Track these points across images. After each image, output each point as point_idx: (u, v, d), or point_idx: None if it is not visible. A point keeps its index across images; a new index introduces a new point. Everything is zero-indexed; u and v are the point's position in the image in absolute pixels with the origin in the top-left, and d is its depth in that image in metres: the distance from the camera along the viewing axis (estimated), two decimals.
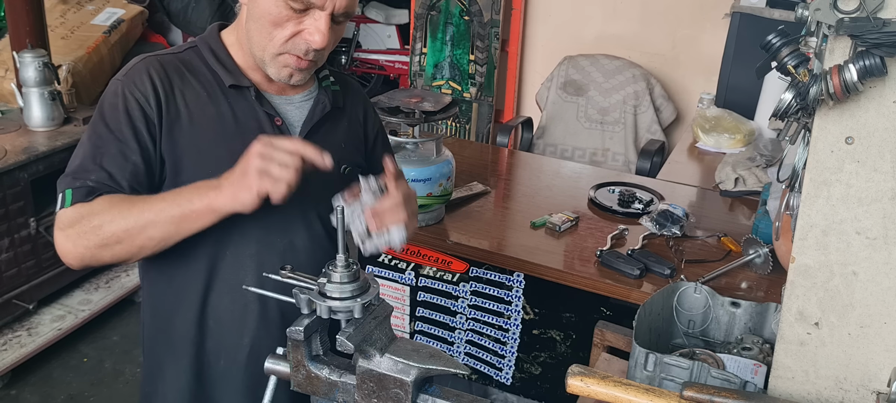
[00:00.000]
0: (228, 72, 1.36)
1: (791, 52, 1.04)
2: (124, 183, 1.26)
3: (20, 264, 3.00)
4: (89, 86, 4.05)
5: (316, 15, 1.25)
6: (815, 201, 1.08)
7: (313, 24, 1.26)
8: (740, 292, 1.98)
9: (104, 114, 1.30)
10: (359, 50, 6.01)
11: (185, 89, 1.33)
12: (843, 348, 1.14)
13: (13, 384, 2.93)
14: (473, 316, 2.41)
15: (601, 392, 1.15)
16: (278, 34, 1.27)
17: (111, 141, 1.27)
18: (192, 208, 1.20)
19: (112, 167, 1.26)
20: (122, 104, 1.28)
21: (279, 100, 1.40)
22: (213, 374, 1.46)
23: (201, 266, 1.38)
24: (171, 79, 1.32)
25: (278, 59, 1.30)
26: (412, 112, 2.21)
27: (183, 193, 1.22)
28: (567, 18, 4.18)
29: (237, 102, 1.36)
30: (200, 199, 1.20)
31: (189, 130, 1.32)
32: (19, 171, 2.92)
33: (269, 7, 1.25)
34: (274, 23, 1.26)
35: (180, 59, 1.37)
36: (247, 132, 1.34)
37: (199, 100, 1.33)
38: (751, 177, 2.62)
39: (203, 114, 1.33)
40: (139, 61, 1.34)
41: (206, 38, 1.39)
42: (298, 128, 1.40)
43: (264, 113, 1.36)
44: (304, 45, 1.27)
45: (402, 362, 1.03)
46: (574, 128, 3.88)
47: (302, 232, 1.43)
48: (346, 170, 1.45)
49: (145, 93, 1.29)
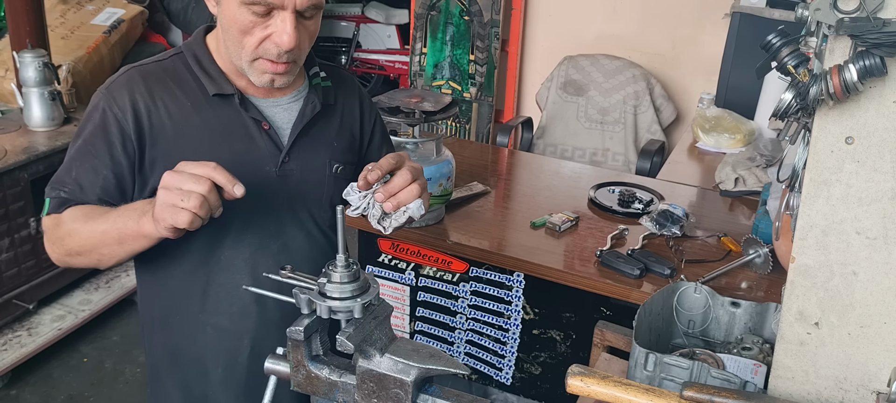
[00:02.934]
0: (212, 79, 1.34)
1: (791, 52, 1.04)
2: (93, 195, 1.29)
3: (20, 264, 3.00)
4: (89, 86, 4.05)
5: (281, 15, 1.23)
6: (815, 201, 1.08)
7: (280, 26, 1.24)
8: (740, 292, 1.98)
9: (83, 127, 1.32)
10: (359, 50, 6.01)
11: (169, 100, 1.33)
12: (843, 348, 1.14)
13: (13, 384, 2.93)
14: (473, 315, 2.41)
15: (601, 392, 1.15)
16: (248, 41, 1.26)
17: (86, 154, 1.30)
18: (127, 231, 1.21)
19: (83, 180, 1.29)
20: (99, 118, 1.30)
21: (266, 104, 1.38)
22: (214, 377, 1.46)
23: (195, 270, 1.38)
24: (154, 91, 1.32)
25: (254, 66, 1.29)
26: (412, 112, 2.21)
27: (123, 214, 1.22)
28: (567, 18, 4.18)
29: (222, 110, 1.34)
30: (134, 223, 1.19)
31: (174, 141, 1.31)
32: (19, 171, 2.92)
33: (234, 15, 1.24)
34: (241, 30, 1.25)
35: (164, 67, 1.36)
36: (234, 140, 1.34)
37: (183, 110, 1.33)
38: (751, 177, 2.62)
39: (188, 124, 1.32)
40: (122, 74, 1.34)
41: (191, 44, 1.38)
42: (288, 130, 1.39)
43: (251, 119, 1.35)
44: (274, 49, 1.26)
45: (402, 362, 1.03)
46: (574, 128, 3.88)
47: (296, 233, 1.43)
48: (338, 169, 1.45)
49: (123, 109, 1.30)
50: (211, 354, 1.44)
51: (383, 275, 2.49)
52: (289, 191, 1.39)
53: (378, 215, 1.26)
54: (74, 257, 1.28)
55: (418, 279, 2.45)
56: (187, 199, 1.10)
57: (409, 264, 2.45)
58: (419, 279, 2.45)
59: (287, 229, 1.41)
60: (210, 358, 1.44)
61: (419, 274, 2.44)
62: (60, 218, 1.28)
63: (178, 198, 1.10)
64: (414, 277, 2.45)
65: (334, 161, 1.44)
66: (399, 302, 2.50)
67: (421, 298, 2.47)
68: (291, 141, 1.38)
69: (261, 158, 1.36)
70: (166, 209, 1.11)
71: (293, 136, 1.38)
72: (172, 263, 1.36)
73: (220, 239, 1.36)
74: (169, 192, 1.10)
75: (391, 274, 2.48)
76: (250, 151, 1.35)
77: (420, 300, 2.47)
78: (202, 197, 1.10)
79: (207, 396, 1.47)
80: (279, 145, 1.37)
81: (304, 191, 1.41)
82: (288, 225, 1.41)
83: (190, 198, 1.10)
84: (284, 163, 1.38)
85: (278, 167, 1.37)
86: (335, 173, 1.44)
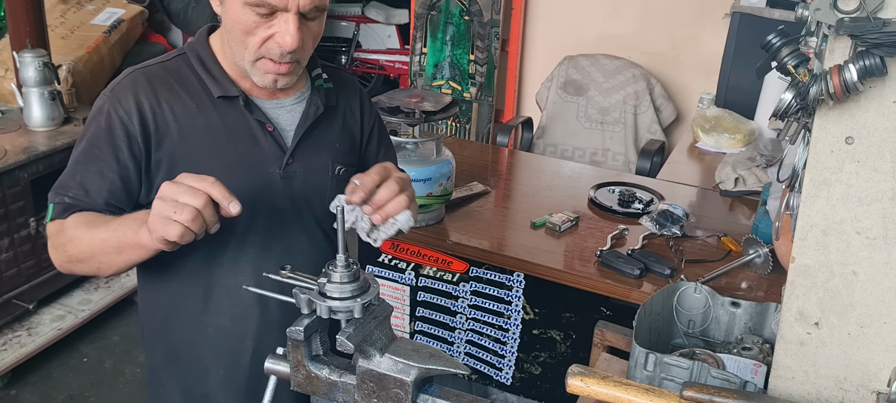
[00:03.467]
0: (216, 81, 1.34)
1: (791, 52, 1.04)
2: (100, 199, 1.28)
3: (20, 264, 3.00)
4: (89, 87, 4.05)
5: (283, 17, 1.24)
6: (815, 201, 1.08)
7: (283, 27, 1.24)
8: (740, 292, 1.97)
9: (88, 130, 1.32)
10: (359, 50, 6.01)
11: (174, 102, 1.32)
12: (843, 348, 1.14)
13: (13, 384, 2.93)
14: (473, 315, 2.41)
15: (601, 392, 1.15)
16: (251, 41, 1.26)
17: (91, 158, 1.30)
18: (125, 240, 1.20)
19: (89, 184, 1.29)
20: (104, 121, 1.30)
21: (270, 105, 1.38)
22: (215, 378, 1.46)
23: (198, 272, 1.38)
24: (158, 92, 1.32)
25: (257, 66, 1.29)
26: (412, 112, 2.21)
27: (124, 223, 1.21)
28: (567, 18, 4.18)
29: (227, 112, 1.34)
30: (132, 233, 1.18)
31: (179, 143, 1.31)
32: (19, 171, 2.92)
33: (237, 15, 1.24)
34: (245, 30, 1.25)
35: (168, 69, 1.36)
36: (238, 141, 1.34)
37: (187, 111, 1.33)
38: (751, 177, 2.62)
39: (192, 126, 1.32)
40: (126, 76, 1.34)
41: (195, 45, 1.38)
42: (291, 132, 1.39)
43: (255, 120, 1.35)
44: (277, 49, 1.26)
45: (402, 362, 1.03)
46: (574, 128, 3.88)
47: (299, 235, 1.42)
48: (340, 170, 1.45)
49: (129, 112, 1.29)
50: (212, 355, 1.44)
51: (383, 275, 2.49)
52: (292, 193, 1.39)
53: (367, 228, 1.26)
54: (75, 264, 1.28)
55: (418, 279, 2.45)
56: (181, 212, 1.08)
57: (409, 264, 2.45)
58: (419, 279, 2.45)
59: (291, 231, 1.41)
60: (211, 360, 1.44)
61: (419, 274, 2.44)
62: (64, 224, 1.27)
63: (171, 209, 1.08)
64: (414, 277, 2.45)
65: (337, 162, 1.44)
66: (399, 302, 2.50)
67: (421, 298, 2.47)
68: (295, 143, 1.38)
69: (265, 160, 1.36)
70: (159, 220, 1.10)
71: (297, 138, 1.38)
72: (174, 265, 1.36)
73: (224, 240, 1.35)
74: (164, 203, 1.09)
75: (391, 274, 2.48)
76: (255, 153, 1.35)
77: (420, 300, 2.47)
78: (196, 210, 1.09)
79: (208, 397, 1.47)
80: (283, 147, 1.37)
81: (308, 193, 1.41)
82: (291, 227, 1.41)
83: (183, 210, 1.08)
84: (288, 165, 1.38)
85: (282, 169, 1.37)
86: (338, 175, 1.44)
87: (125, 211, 1.28)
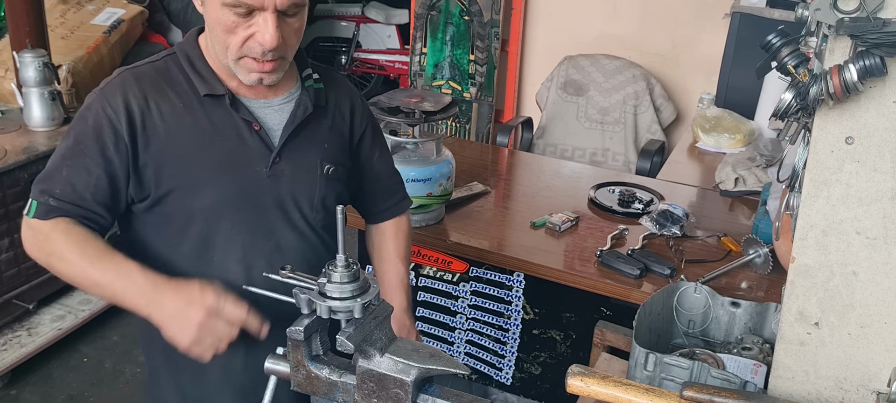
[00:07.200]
0: (203, 80, 1.35)
1: (791, 52, 1.04)
2: (87, 194, 1.30)
3: (20, 264, 3.00)
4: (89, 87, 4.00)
5: (262, 16, 1.24)
6: (815, 201, 1.08)
7: (262, 26, 1.25)
8: (740, 292, 1.97)
9: (75, 127, 1.33)
10: (359, 50, 6.01)
11: (161, 101, 1.33)
12: (843, 348, 1.14)
13: (13, 384, 2.93)
14: (473, 315, 2.41)
15: (601, 392, 1.15)
16: (232, 40, 1.27)
17: (77, 154, 1.31)
18: (126, 301, 1.28)
19: (75, 179, 1.30)
20: (92, 118, 1.31)
21: (257, 105, 1.39)
22: (211, 379, 1.45)
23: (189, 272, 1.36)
24: (147, 93, 1.33)
25: (241, 64, 1.30)
26: (412, 112, 2.21)
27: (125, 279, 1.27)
28: (567, 18, 4.18)
29: (214, 111, 1.35)
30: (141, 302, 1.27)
31: (167, 142, 1.32)
32: (19, 171, 2.92)
33: (217, 16, 1.26)
34: (225, 30, 1.26)
35: (157, 69, 1.37)
36: (225, 139, 1.35)
37: (175, 111, 1.34)
38: (751, 177, 2.62)
39: (180, 125, 1.33)
40: (116, 77, 1.36)
41: (184, 45, 1.39)
42: (278, 132, 1.40)
43: (241, 119, 1.36)
44: (258, 48, 1.27)
45: (402, 362, 1.03)
46: (574, 128, 3.87)
47: (288, 233, 1.43)
48: (329, 169, 1.45)
49: (117, 111, 1.30)
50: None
51: None
52: (280, 190, 1.40)
53: None
54: (55, 271, 1.32)
55: (418, 279, 2.45)
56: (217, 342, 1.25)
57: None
58: (419, 279, 2.45)
59: (279, 229, 1.41)
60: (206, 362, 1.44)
61: (419, 274, 2.44)
62: (51, 234, 1.28)
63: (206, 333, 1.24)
64: (414, 277, 2.45)
65: (326, 161, 1.45)
66: None
67: (421, 298, 2.47)
68: (282, 141, 1.39)
69: (252, 159, 1.37)
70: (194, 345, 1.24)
71: (284, 137, 1.39)
72: (165, 266, 1.36)
73: (210, 240, 1.36)
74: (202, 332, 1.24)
75: None
76: (241, 151, 1.36)
77: (420, 300, 2.47)
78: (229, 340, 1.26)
79: (205, 398, 1.47)
80: (270, 146, 1.38)
81: (296, 191, 1.42)
82: (280, 225, 1.41)
83: (221, 342, 1.25)
84: (275, 163, 1.38)
85: (269, 167, 1.38)
86: (327, 173, 1.45)
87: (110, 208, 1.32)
